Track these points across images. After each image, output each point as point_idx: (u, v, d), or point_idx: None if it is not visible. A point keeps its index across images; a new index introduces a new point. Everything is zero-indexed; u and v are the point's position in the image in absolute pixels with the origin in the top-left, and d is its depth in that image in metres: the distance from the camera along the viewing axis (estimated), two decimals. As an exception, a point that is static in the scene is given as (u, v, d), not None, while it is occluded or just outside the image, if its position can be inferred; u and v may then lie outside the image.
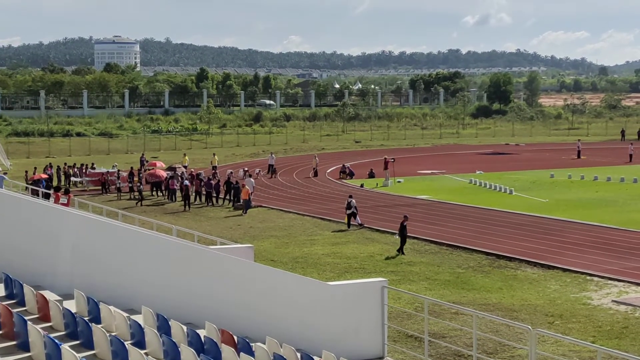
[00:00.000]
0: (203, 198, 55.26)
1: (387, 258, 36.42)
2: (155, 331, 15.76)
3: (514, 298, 29.48)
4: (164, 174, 60.34)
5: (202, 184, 55.79)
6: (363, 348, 17.78)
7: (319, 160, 73.88)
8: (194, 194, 55.78)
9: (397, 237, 38.16)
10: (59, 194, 31.09)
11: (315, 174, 70.00)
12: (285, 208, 51.89)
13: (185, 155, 78.70)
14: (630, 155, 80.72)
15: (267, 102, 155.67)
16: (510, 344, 23.22)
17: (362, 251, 38.23)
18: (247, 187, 51.62)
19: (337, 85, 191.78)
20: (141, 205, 53.83)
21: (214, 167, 66.97)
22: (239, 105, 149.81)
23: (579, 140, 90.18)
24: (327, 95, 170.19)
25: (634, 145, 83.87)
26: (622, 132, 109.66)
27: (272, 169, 70.91)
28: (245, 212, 49.52)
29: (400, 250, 37.02)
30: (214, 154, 78.35)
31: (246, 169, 66.00)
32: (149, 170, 63.51)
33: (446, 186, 61.29)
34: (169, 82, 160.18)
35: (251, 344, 16.22)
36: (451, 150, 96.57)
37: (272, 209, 51.78)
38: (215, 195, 54.89)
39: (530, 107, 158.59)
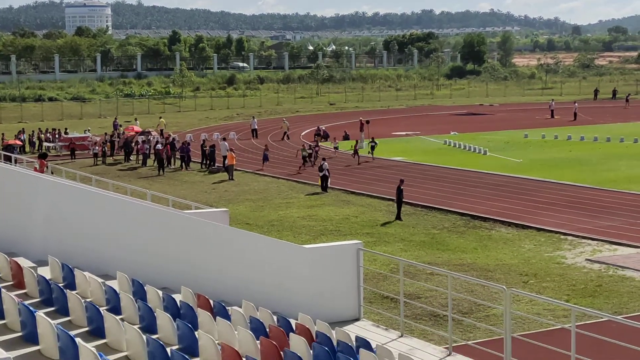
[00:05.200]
0: (178, 162, 54.98)
1: (388, 223, 36.48)
2: (131, 296, 15.72)
3: (489, 258, 29.65)
4: (135, 135, 60.05)
5: (177, 148, 55.47)
6: (339, 310, 17.82)
7: (289, 123, 73.12)
8: (166, 158, 55.35)
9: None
10: (43, 160, 30.94)
11: (287, 137, 69.49)
12: (260, 171, 51.79)
13: (161, 118, 78.20)
14: (552, 111, 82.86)
15: (241, 64, 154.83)
16: (485, 303, 23.37)
17: (337, 213, 38.27)
18: (229, 152, 50.89)
19: (310, 47, 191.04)
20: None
21: (161, 132, 66.05)
22: (212, 68, 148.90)
23: (552, 100, 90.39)
24: (301, 57, 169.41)
25: (577, 103, 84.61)
26: (595, 92, 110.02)
27: (255, 133, 70.54)
28: (232, 178, 49.05)
29: (397, 216, 36.69)
30: (160, 117, 77.97)
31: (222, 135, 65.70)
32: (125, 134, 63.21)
33: (420, 147, 61.39)
34: (141, 45, 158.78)
35: (227, 308, 16.22)
36: (425, 111, 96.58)
37: (247, 172, 51.67)
38: (188, 159, 54.58)
39: (504, 68, 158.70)
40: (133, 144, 58.47)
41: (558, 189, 42.80)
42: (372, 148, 55.02)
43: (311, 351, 13.55)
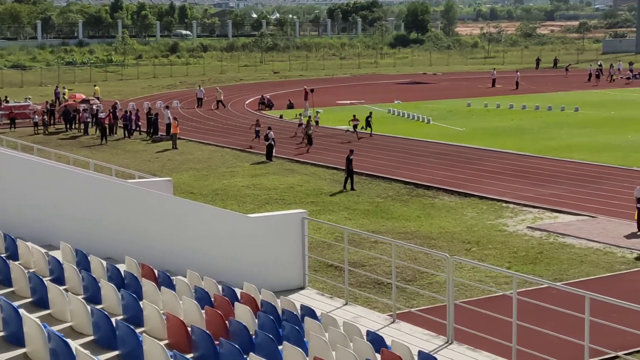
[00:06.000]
0: (120, 131, 54.47)
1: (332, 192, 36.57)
2: (74, 267, 15.63)
3: (432, 226, 29.93)
4: (76, 105, 59.35)
5: (121, 116, 54.93)
6: (284, 279, 17.90)
7: (223, 92, 72.37)
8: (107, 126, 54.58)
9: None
10: None
11: (223, 106, 68.76)
12: (204, 140, 51.58)
13: (95, 86, 77.22)
14: (493, 80, 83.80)
15: (184, 32, 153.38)
16: (428, 271, 23.62)
17: (281, 182, 38.31)
18: (172, 121, 50.43)
19: (254, 15, 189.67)
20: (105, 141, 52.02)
21: (98, 99, 65.18)
22: (154, 36, 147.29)
23: (494, 69, 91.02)
24: (245, 25, 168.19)
25: (519, 72, 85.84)
26: (537, 61, 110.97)
27: (201, 102, 69.91)
28: (176, 147, 48.70)
29: (351, 187, 36.51)
30: (95, 85, 77.19)
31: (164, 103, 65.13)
32: (67, 102, 62.45)
33: (364, 116, 61.49)
34: (83, 12, 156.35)
35: (172, 278, 16.20)
36: (370, 80, 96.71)
37: (191, 141, 51.41)
38: (131, 127, 54.13)
39: (447, 37, 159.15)
40: (74, 112, 57.76)
41: (500, 158, 43.26)
42: (368, 123, 51.74)
43: (256, 320, 13.61)
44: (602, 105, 64.92)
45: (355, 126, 50.61)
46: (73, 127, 57.48)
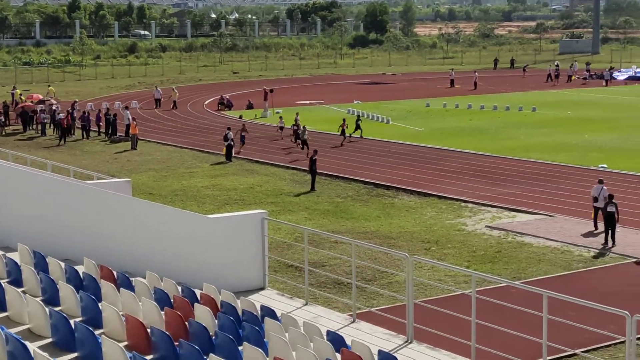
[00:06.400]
0: (78, 132, 54.01)
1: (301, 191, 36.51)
2: (32, 269, 15.51)
3: (392, 226, 30.02)
4: (33, 106, 58.80)
5: (79, 117, 54.48)
6: (244, 279, 17.87)
7: (178, 92, 71.92)
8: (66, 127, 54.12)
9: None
10: None
11: (176, 107, 68.25)
12: (163, 141, 51.34)
13: (50, 86, 76.47)
14: (452, 81, 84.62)
15: (142, 32, 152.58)
16: (388, 270, 23.70)
17: (241, 183, 38.24)
18: (131, 122, 50.09)
19: (213, 15, 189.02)
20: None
21: (54, 99, 64.54)
22: (113, 36, 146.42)
23: (452, 69, 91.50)
24: (204, 26, 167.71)
25: (477, 72, 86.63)
26: (495, 61, 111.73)
27: (159, 103, 69.36)
28: (135, 147, 48.37)
29: (312, 187, 36.44)
30: (49, 86, 76.56)
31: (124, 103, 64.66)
32: (25, 102, 61.83)
33: (324, 116, 61.52)
34: (40, 12, 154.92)
35: (131, 279, 16.13)
36: (329, 80, 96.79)
37: (150, 141, 51.14)
38: (89, 128, 53.72)
39: (406, 37, 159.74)
40: (32, 113, 57.24)
41: (459, 158, 43.50)
42: (358, 126, 49.97)
43: (216, 321, 13.59)
44: (559, 106, 65.53)
45: (343, 130, 48.47)
46: (30, 127, 56.95)
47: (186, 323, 12.93)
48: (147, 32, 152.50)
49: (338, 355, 12.25)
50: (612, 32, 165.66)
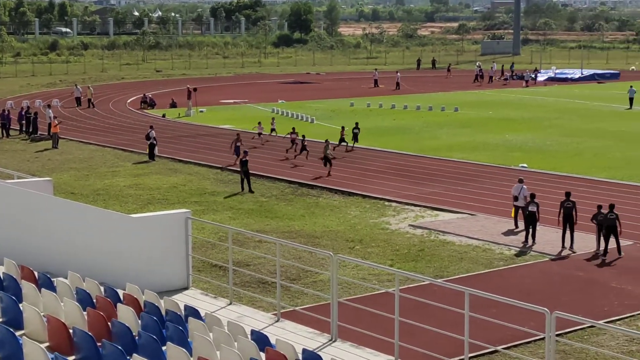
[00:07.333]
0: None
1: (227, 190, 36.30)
2: (-50, 270, 15.22)
3: (316, 225, 30.11)
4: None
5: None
6: (167, 279, 17.74)
7: (94, 90, 70.90)
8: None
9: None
10: None
11: (92, 105, 67.27)
12: (84, 139, 50.71)
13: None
14: (375, 81, 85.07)
15: (64, 29, 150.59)
16: (312, 269, 23.77)
17: (164, 182, 37.97)
18: (52, 120, 49.31)
19: (136, 13, 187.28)
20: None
21: None
22: (33, 33, 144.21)
23: (375, 69, 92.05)
24: (126, 23, 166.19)
25: (400, 73, 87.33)
26: (418, 62, 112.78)
27: (79, 101, 68.30)
28: (57, 146, 47.63)
29: (249, 189, 35.88)
30: None
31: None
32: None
33: (249, 115, 61.39)
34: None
35: (52, 279, 15.92)
36: (253, 79, 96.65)
37: (71, 140, 50.47)
38: (9, 127, 52.80)
39: (330, 37, 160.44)
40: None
41: (383, 157, 43.80)
42: (355, 135, 47.24)
43: (139, 321, 13.48)
44: (481, 106, 66.43)
45: (342, 139, 46.32)
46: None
47: (109, 323, 12.80)
48: (68, 30, 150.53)
49: (262, 355, 12.25)
50: (532, 33, 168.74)
